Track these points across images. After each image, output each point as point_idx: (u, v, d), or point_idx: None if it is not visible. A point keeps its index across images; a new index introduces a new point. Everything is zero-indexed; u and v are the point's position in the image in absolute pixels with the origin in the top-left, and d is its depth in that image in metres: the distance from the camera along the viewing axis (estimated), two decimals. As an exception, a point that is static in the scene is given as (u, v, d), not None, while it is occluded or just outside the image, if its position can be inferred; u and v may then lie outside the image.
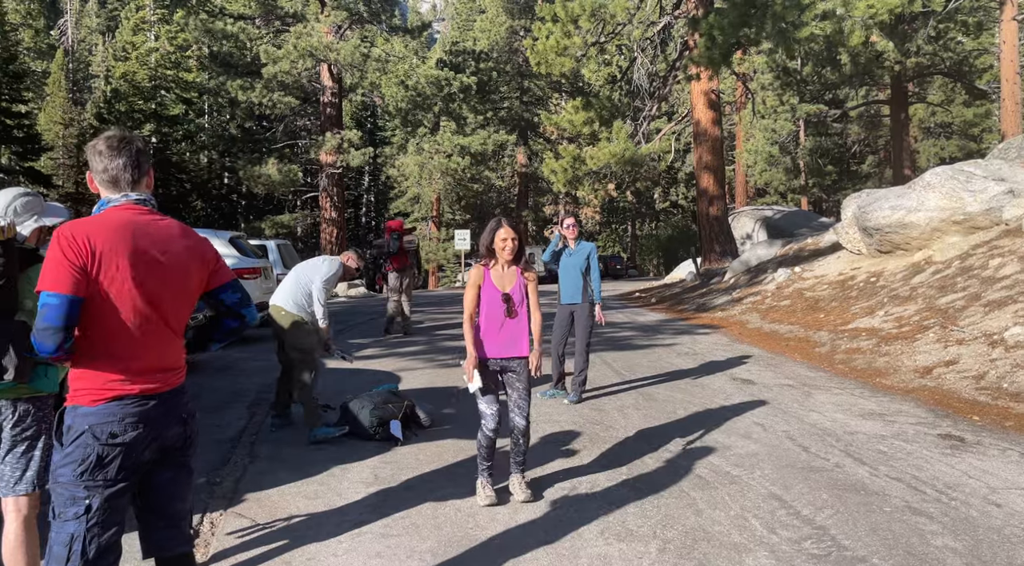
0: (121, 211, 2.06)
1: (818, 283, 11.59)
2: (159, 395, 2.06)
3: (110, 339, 1.98)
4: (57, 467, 1.98)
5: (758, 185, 33.80)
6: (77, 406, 1.98)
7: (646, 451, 4.69)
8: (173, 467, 2.15)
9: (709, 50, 16.50)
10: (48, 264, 1.92)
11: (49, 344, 1.91)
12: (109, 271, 1.95)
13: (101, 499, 1.95)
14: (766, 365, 7.67)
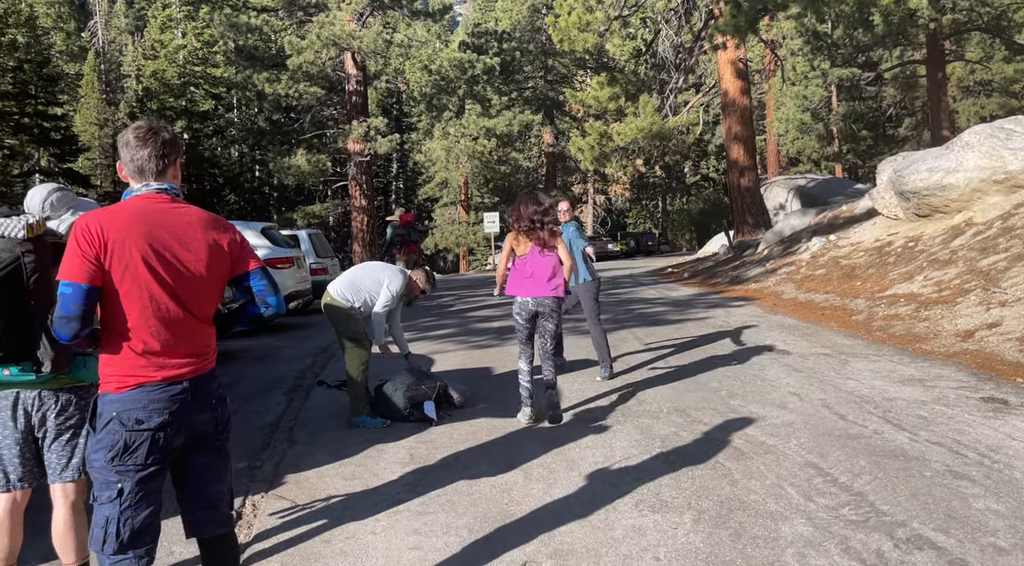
0: (140, 200, 2.10)
1: (854, 250, 11.35)
2: (186, 381, 2.09)
3: (130, 327, 2.02)
4: (91, 452, 2.05)
5: (790, 154, 33.10)
6: (105, 393, 2.04)
7: (680, 424, 4.68)
8: (208, 452, 2.21)
9: (735, 18, 16.16)
10: (66, 254, 1.97)
11: (64, 333, 1.97)
12: (122, 260, 1.99)
13: (132, 483, 2.01)
14: (801, 335, 7.56)
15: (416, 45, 25.09)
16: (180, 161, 2.24)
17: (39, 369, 2.45)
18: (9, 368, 2.44)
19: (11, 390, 2.53)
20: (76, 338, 1.98)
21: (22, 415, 2.55)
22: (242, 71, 26.18)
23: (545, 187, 38.70)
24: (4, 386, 2.53)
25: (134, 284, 2.01)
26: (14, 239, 2.44)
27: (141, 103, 35.09)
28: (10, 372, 2.45)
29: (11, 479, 2.58)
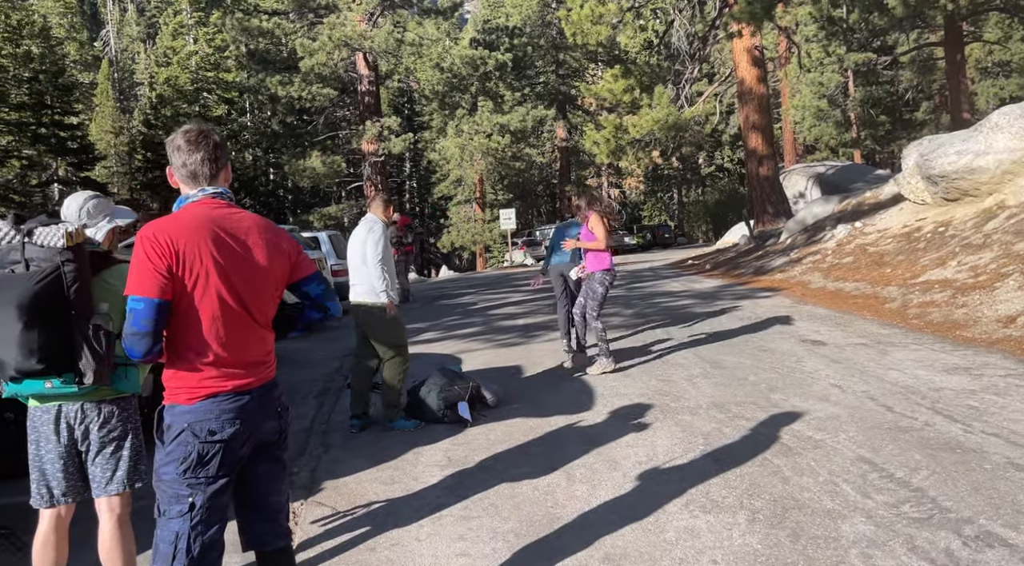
0: (199, 207, 2.06)
1: (881, 237, 11.15)
2: (253, 390, 2.06)
3: (200, 337, 1.98)
4: (160, 466, 1.99)
5: (807, 142, 32.71)
6: (174, 405, 1.99)
7: (721, 420, 4.57)
8: (267, 461, 2.16)
9: (750, 4, 15.95)
10: (133, 268, 1.92)
11: (138, 349, 1.92)
12: (194, 270, 1.94)
13: (204, 497, 1.97)
14: (835, 325, 7.42)
15: (427, 43, 25.04)
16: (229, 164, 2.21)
17: (81, 381, 2.40)
18: (51, 380, 2.38)
19: (53, 403, 2.48)
20: (148, 354, 1.93)
21: (65, 428, 2.49)
22: (255, 75, 26.28)
23: (559, 182, 38.56)
24: (46, 399, 2.48)
25: (204, 293, 1.97)
26: (54, 248, 2.38)
27: (155, 110, 35.33)
28: (52, 384, 2.39)
29: (55, 494, 2.53)
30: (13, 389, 2.41)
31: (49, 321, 2.34)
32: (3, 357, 2.33)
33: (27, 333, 2.29)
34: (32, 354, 2.30)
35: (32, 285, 2.32)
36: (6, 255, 2.39)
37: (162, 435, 1.99)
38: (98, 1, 77.25)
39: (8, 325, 2.30)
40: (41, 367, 2.33)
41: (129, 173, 39.29)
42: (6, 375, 2.36)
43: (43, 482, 2.52)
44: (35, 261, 2.37)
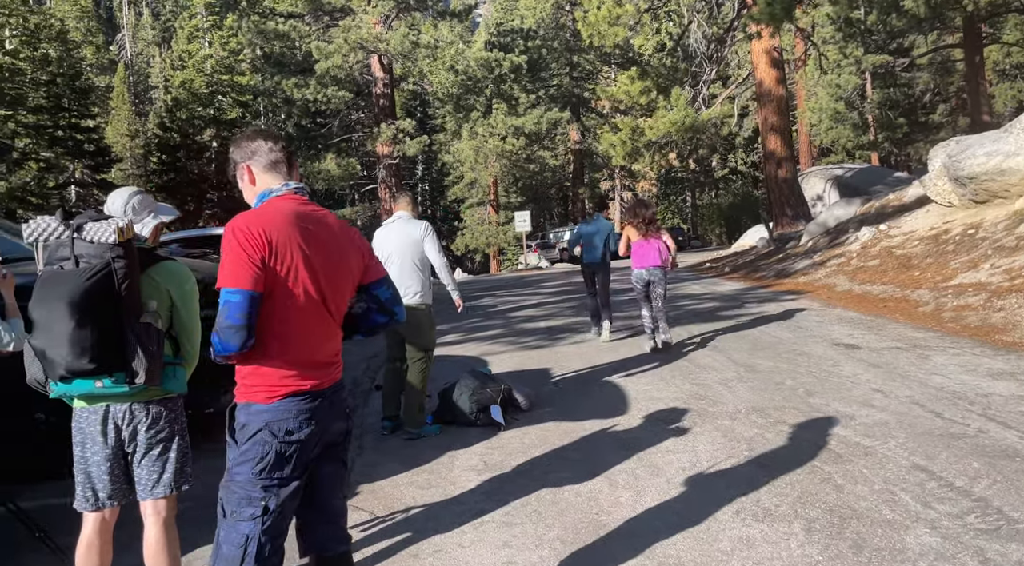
0: (284, 201, 2.01)
1: (907, 240, 10.99)
2: (326, 390, 2.01)
3: (285, 333, 1.92)
4: (233, 465, 1.92)
5: (824, 144, 32.45)
6: (251, 403, 1.92)
7: (762, 425, 4.46)
8: (332, 462, 2.11)
9: (770, 5, 15.80)
10: (227, 259, 1.86)
11: (233, 343, 1.84)
12: (285, 263, 1.89)
13: (277, 500, 1.91)
14: (867, 328, 7.28)
15: (442, 46, 25.03)
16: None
17: (132, 380, 2.33)
18: (102, 380, 2.32)
19: (100, 404, 2.41)
20: (243, 349, 1.86)
21: (112, 430, 2.43)
22: (270, 78, 26.32)
23: (572, 184, 38.46)
24: (93, 399, 2.41)
25: (293, 288, 1.91)
26: (104, 244, 2.32)
27: (170, 113, 35.48)
28: (102, 384, 2.32)
29: (100, 497, 2.46)
30: (62, 389, 2.35)
31: (100, 319, 2.28)
32: (54, 356, 2.26)
33: (79, 331, 2.23)
34: (84, 353, 2.24)
35: (83, 282, 2.26)
36: (55, 251, 2.33)
37: (234, 434, 1.92)
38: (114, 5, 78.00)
39: (59, 323, 2.24)
40: (93, 366, 2.27)
41: (144, 176, 39.51)
42: (56, 374, 2.30)
43: (88, 485, 2.45)
44: (84, 257, 2.31)
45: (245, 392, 1.93)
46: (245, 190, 2.10)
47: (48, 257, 2.34)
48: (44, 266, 2.35)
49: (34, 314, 2.30)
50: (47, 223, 2.36)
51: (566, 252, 26.82)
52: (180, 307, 2.56)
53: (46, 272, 2.33)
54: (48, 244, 2.35)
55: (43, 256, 2.35)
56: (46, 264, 2.35)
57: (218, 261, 2.71)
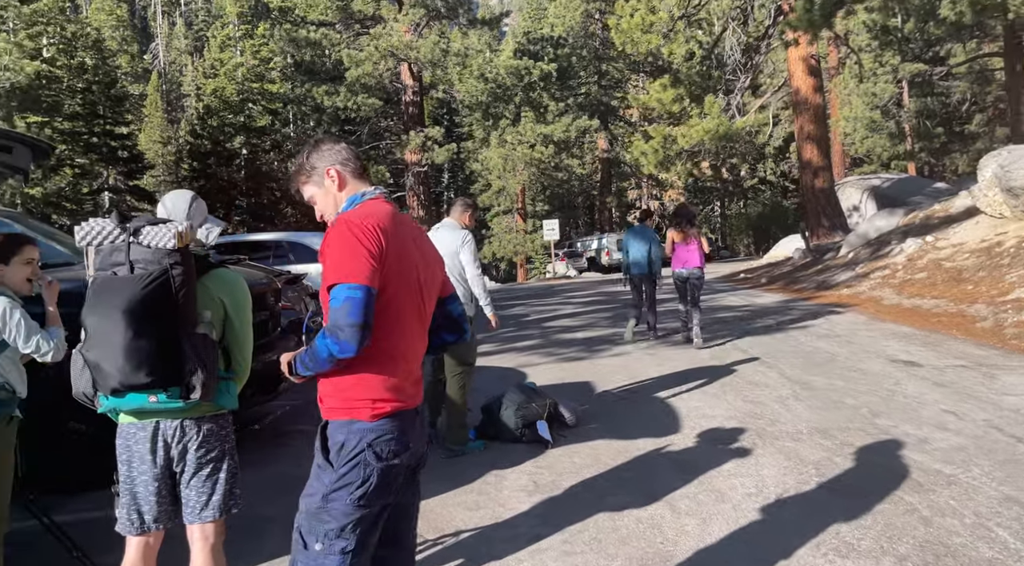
0: (382, 204, 1.87)
1: (956, 252, 10.60)
2: (419, 408, 1.87)
3: (391, 342, 1.76)
4: (329, 491, 1.72)
5: (858, 154, 31.87)
6: (353, 420, 1.73)
7: (829, 447, 4.20)
8: (413, 490, 1.94)
9: (808, 12, 15.50)
10: (345, 254, 1.69)
11: (354, 343, 1.66)
12: (394, 265, 1.75)
13: (374, 532, 1.76)
14: (923, 344, 6.96)
15: (472, 54, 24.99)
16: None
17: (188, 395, 2.17)
18: (156, 394, 2.15)
19: (150, 420, 2.25)
20: (360, 351, 1.67)
21: (161, 447, 2.26)
22: (301, 85, 26.47)
23: (599, 193, 38.22)
24: (144, 415, 2.24)
25: (401, 292, 1.77)
26: (162, 250, 2.16)
27: (202, 120, 35.91)
28: (156, 399, 2.16)
29: (146, 520, 2.29)
30: (113, 403, 2.18)
31: (158, 329, 2.12)
32: (108, 368, 2.10)
33: (135, 342, 2.07)
34: (141, 365, 2.08)
35: (140, 289, 2.10)
36: (108, 256, 2.17)
37: (328, 455, 1.74)
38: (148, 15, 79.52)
39: (114, 333, 2.08)
40: (150, 380, 2.10)
41: (176, 182, 39.98)
42: (107, 387, 2.13)
43: (134, 506, 2.28)
44: (140, 263, 2.15)
45: (345, 407, 1.75)
46: (325, 194, 1.93)
47: (100, 262, 2.18)
48: (96, 271, 2.19)
49: (87, 323, 2.14)
50: (102, 226, 2.21)
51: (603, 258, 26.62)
52: (233, 317, 2.40)
53: (99, 278, 2.17)
54: (101, 248, 2.19)
55: (95, 260, 2.20)
56: (98, 269, 2.19)
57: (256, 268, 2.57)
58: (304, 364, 1.76)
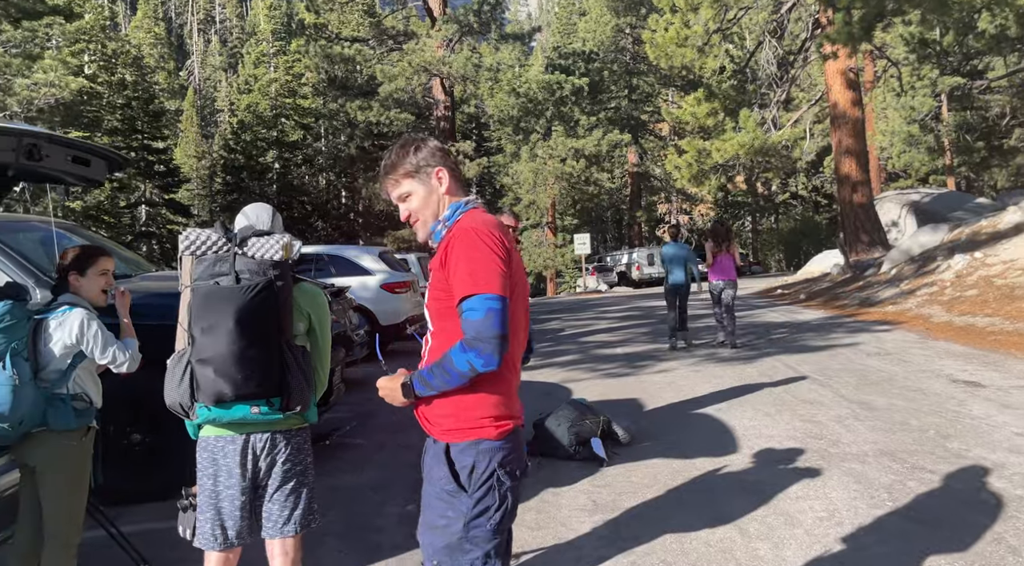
0: (488, 213, 1.81)
1: (1008, 269, 10.31)
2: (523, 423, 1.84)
3: (510, 355, 1.68)
4: (470, 518, 1.63)
5: (896, 168, 31.35)
6: (481, 440, 1.65)
7: (899, 471, 4.05)
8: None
9: (847, 25, 15.30)
10: (479, 264, 1.62)
11: (497, 356, 1.59)
12: (513, 275, 1.70)
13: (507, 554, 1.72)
14: (983, 364, 6.74)
15: (504, 69, 25.12)
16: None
17: (288, 406, 2.15)
18: (259, 405, 2.13)
19: (242, 433, 2.22)
20: (501, 361, 1.61)
21: (251, 460, 2.23)
22: (334, 100, 26.82)
23: (630, 207, 38.07)
24: (238, 427, 2.21)
25: (518, 305, 1.71)
26: (267, 261, 2.15)
27: (236, 135, 36.51)
28: (259, 409, 2.14)
29: (229, 535, 2.25)
30: (214, 414, 2.15)
31: (264, 339, 2.11)
32: (219, 378, 2.08)
33: (247, 351, 2.07)
34: (252, 375, 2.08)
35: (248, 299, 2.09)
36: (212, 266, 2.16)
37: (459, 479, 1.64)
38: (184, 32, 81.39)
39: (226, 342, 2.07)
40: (260, 389, 2.10)
41: (209, 195, 40.72)
42: (213, 396, 2.10)
43: (217, 521, 2.24)
44: (245, 273, 2.14)
45: (469, 427, 1.65)
46: (429, 194, 1.82)
47: (202, 272, 2.17)
48: (195, 281, 2.17)
49: (195, 332, 2.13)
50: (207, 235, 2.20)
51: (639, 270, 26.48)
52: (317, 331, 2.39)
53: (202, 288, 2.15)
54: (204, 258, 2.18)
55: (195, 270, 2.18)
56: (197, 279, 2.17)
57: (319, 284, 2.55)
58: (427, 383, 1.66)
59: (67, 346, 2.54)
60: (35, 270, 4.09)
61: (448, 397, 1.67)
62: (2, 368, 2.40)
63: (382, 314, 8.80)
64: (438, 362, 1.65)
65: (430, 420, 1.73)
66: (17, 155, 2.35)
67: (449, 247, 1.66)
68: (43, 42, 20.65)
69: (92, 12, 32.87)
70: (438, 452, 1.69)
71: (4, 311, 2.43)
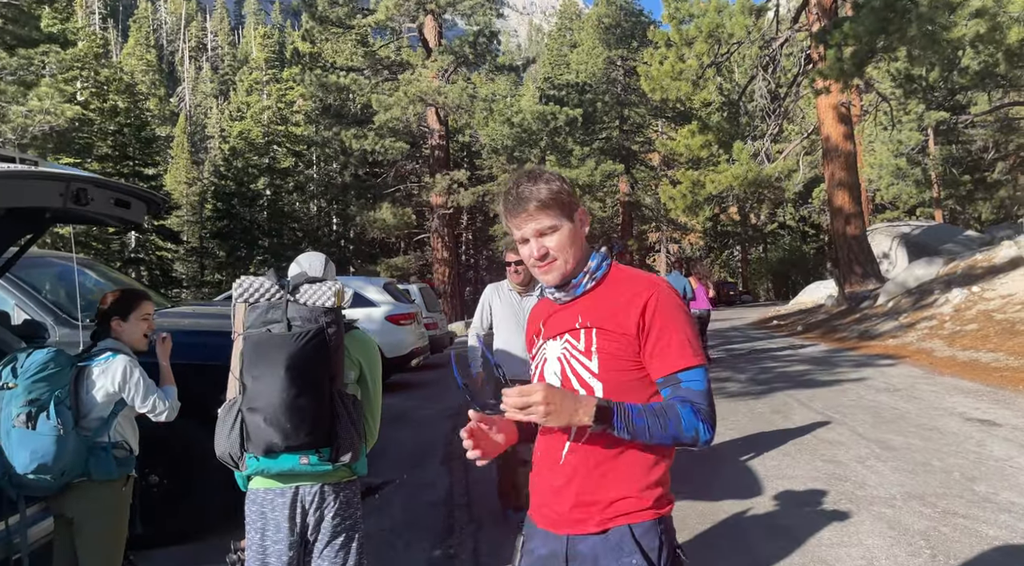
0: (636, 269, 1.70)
1: (1007, 303, 10.40)
2: None
3: None
4: None
5: (884, 201, 31.80)
6: (660, 519, 1.48)
7: (931, 516, 4.00)
8: None
9: (839, 62, 15.59)
10: (691, 330, 1.49)
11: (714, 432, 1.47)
12: None
13: None
14: (993, 401, 6.74)
15: (499, 99, 25.33)
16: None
17: (338, 457, 2.09)
18: (308, 455, 2.06)
19: (291, 485, 2.15)
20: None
21: (300, 515, 2.15)
22: (329, 128, 26.90)
23: (621, 236, 38.27)
24: (287, 479, 2.14)
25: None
26: (319, 308, 2.10)
27: (227, 162, 36.49)
28: (308, 460, 2.07)
29: None
30: (263, 464, 2.08)
31: (316, 388, 2.06)
32: (269, 427, 2.02)
33: (298, 400, 2.01)
34: (302, 424, 2.02)
35: (300, 346, 2.04)
36: (264, 313, 2.10)
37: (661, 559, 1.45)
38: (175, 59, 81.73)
39: (277, 391, 2.01)
40: (310, 439, 2.03)
41: (199, 222, 40.51)
42: (263, 446, 2.04)
43: None
44: (297, 321, 2.09)
45: (654, 506, 1.48)
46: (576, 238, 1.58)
47: (255, 319, 2.11)
48: (248, 329, 2.12)
49: (247, 380, 2.07)
50: (260, 282, 2.15)
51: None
52: (368, 379, 2.34)
53: (253, 335, 2.10)
54: (257, 305, 2.13)
55: (248, 318, 2.13)
56: (250, 327, 2.12)
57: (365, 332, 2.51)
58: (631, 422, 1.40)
59: (110, 394, 2.46)
60: (54, 307, 4.01)
61: (634, 471, 1.48)
62: (46, 417, 2.32)
63: (387, 346, 8.69)
64: (657, 411, 1.42)
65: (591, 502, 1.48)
66: (65, 200, 2.31)
67: (655, 312, 1.48)
68: (39, 69, 20.59)
69: (85, 39, 32.94)
70: (619, 541, 1.45)
71: (48, 358, 2.36)
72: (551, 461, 1.54)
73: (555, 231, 1.54)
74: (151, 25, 78.48)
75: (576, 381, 1.51)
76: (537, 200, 1.53)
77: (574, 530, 1.49)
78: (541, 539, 1.55)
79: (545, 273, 1.56)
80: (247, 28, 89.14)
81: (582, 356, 1.52)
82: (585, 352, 1.51)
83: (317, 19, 25.14)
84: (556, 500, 1.51)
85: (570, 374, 1.53)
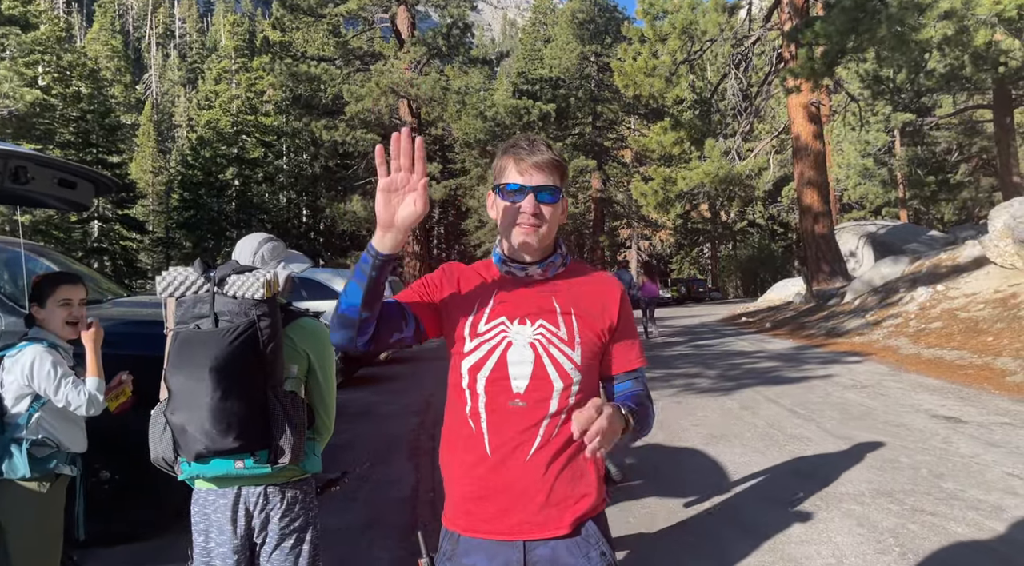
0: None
1: (970, 302, 10.57)
2: None
3: None
4: None
5: (851, 200, 32.29)
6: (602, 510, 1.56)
7: (900, 513, 3.99)
8: None
9: (810, 61, 15.73)
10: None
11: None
12: None
13: None
14: (958, 398, 6.82)
15: (472, 92, 25.17)
16: None
17: (276, 459, 1.95)
18: (243, 459, 1.93)
19: (232, 487, 2.01)
20: None
21: (243, 517, 2.02)
22: (299, 119, 26.50)
23: (592, 232, 38.35)
24: (226, 481, 2.01)
25: None
26: (248, 300, 1.95)
27: (195, 151, 35.76)
28: (243, 464, 1.94)
29: None
30: (196, 470, 1.95)
31: (247, 388, 1.90)
32: (193, 432, 1.87)
33: (224, 403, 1.85)
34: (230, 429, 1.86)
35: (227, 344, 1.88)
36: (191, 308, 1.95)
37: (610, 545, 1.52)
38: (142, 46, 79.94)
39: (200, 394, 1.86)
40: (238, 444, 1.88)
41: (166, 212, 39.68)
42: (192, 453, 1.90)
43: None
44: (225, 315, 1.93)
45: (603, 497, 1.54)
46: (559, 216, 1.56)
47: (182, 314, 1.96)
48: (176, 324, 1.98)
49: (171, 382, 1.92)
50: (184, 275, 2.00)
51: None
52: (318, 371, 2.19)
53: (181, 332, 1.95)
54: (184, 299, 1.98)
55: (176, 313, 1.98)
56: (179, 322, 1.97)
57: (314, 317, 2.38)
58: (644, 423, 1.46)
59: (20, 387, 2.31)
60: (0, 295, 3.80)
61: (590, 463, 1.47)
62: None
63: (354, 340, 8.54)
64: (641, 410, 1.45)
65: (562, 499, 1.43)
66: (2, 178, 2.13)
67: (624, 309, 1.55)
68: (-3, 52, 19.92)
69: (48, 23, 31.99)
70: (586, 534, 1.44)
71: (-33, 350, 2.20)
72: (513, 460, 1.43)
73: (552, 211, 1.49)
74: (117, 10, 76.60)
75: (554, 370, 1.44)
76: (553, 158, 1.49)
77: (536, 534, 1.42)
78: (484, 553, 1.44)
79: (529, 234, 1.48)
80: (216, 15, 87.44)
81: (564, 345, 1.46)
82: (568, 342, 1.46)
83: (288, 7, 24.73)
84: (518, 502, 1.42)
85: (547, 362, 1.45)
